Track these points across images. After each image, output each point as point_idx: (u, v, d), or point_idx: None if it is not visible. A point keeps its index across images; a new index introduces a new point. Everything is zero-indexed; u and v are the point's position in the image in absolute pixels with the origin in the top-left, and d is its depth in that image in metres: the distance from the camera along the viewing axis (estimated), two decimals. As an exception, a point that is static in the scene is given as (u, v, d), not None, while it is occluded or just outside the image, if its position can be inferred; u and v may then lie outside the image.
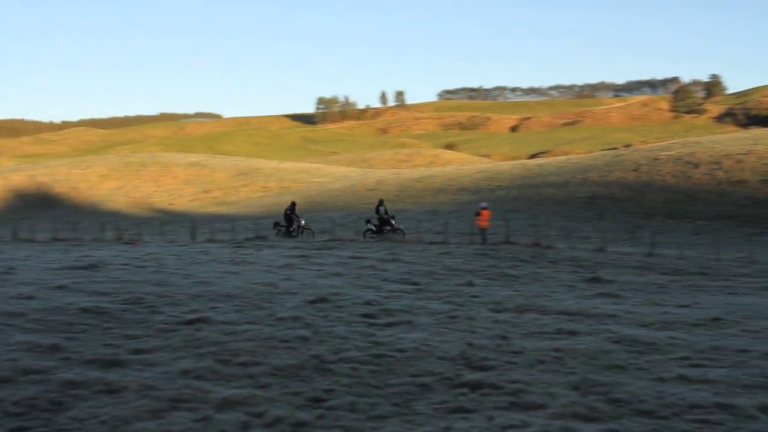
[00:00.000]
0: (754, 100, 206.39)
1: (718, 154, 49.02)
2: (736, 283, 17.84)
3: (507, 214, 38.84)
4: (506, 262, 20.32)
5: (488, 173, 64.14)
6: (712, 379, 7.89)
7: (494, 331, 10.27)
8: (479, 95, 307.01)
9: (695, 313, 12.53)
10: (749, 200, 41.41)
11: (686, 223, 39.06)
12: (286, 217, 32.21)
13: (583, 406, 6.80)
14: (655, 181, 47.65)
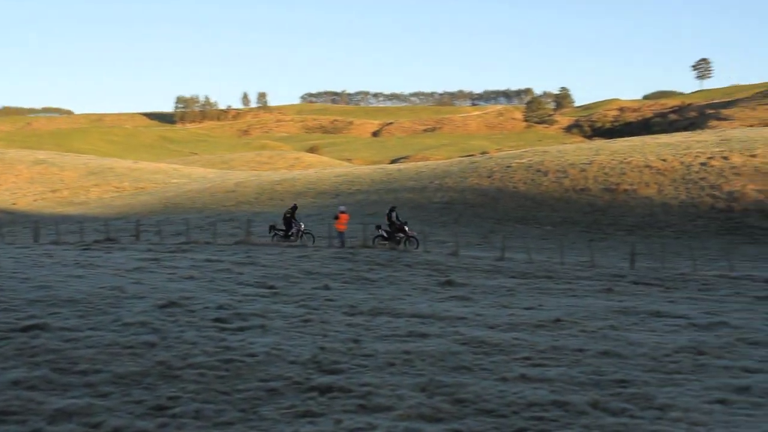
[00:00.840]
0: (599, 113, 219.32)
1: (564, 163, 51.70)
2: (577, 286, 18.83)
3: (366, 218, 39.28)
4: (363, 266, 20.52)
5: (348, 177, 64.62)
6: (550, 377, 8.28)
7: (347, 335, 10.33)
8: (342, 99, 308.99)
9: (539, 315, 13.11)
10: (591, 207, 43.94)
11: (535, 229, 40.94)
12: (285, 220, 30.20)
13: (429, 407, 6.96)
14: (507, 188, 49.64)
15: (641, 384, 8.10)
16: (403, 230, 28.08)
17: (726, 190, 41.96)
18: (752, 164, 44.27)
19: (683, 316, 13.10)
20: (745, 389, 7.86)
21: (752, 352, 10.07)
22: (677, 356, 9.61)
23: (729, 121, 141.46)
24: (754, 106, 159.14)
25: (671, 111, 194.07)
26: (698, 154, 47.94)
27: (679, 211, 41.48)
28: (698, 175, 44.71)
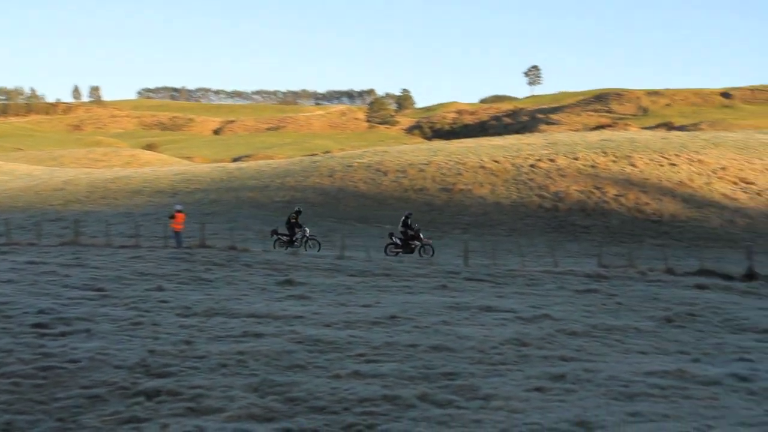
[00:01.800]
0: (438, 115, 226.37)
1: (404, 163, 52.95)
2: (414, 283, 19.31)
3: (204, 218, 38.39)
4: (200, 266, 20.03)
5: (187, 175, 62.93)
6: (382, 373, 8.44)
7: (179, 337, 10.04)
8: (182, 96, 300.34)
9: (375, 312, 13.33)
10: (429, 206, 45.28)
11: (375, 228, 41.64)
12: (288, 225, 28.52)
13: (260, 407, 6.90)
14: (348, 187, 50.16)
15: (468, 376, 8.44)
16: (419, 237, 27.25)
17: (552, 191, 44.54)
18: (575, 166, 47.26)
19: (510, 310, 13.75)
20: (561, 377, 8.38)
21: (570, 342, 10.74)
22: (502, 348, 10.09)
23: (557, 126, 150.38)
24: (578, 112, 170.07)
25: (505, 115, 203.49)
26: (528, 156, 50.56)
27: (511, 210, 43.59)
28: (528, 176, 47.16)
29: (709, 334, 11.90)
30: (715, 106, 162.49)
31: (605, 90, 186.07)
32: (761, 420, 6.91)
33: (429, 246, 27.21)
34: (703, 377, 8.52)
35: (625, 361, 9.45)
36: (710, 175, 43.28)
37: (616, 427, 6.54)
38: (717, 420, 6.84)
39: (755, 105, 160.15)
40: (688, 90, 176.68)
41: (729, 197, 40.52)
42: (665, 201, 40.84)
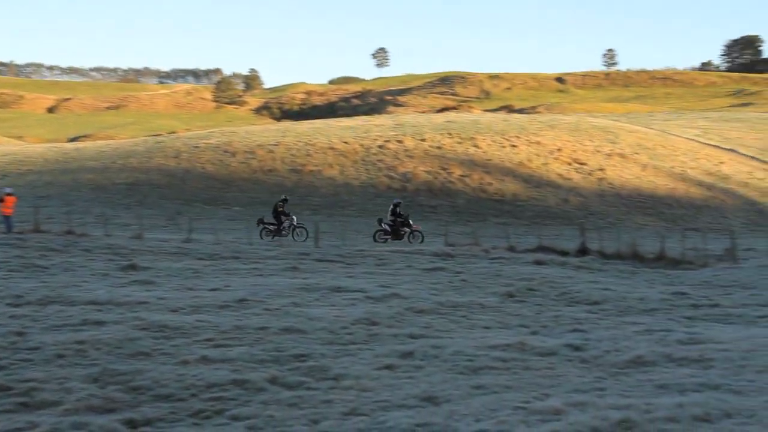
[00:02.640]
0: (287, 95, 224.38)
1: (252, 144, 52.17)
2: (264, 265, 19.11)
3: (38, 201, 36.16)
4: (34, 252, 18.83)
5: (17, 156, 58.99)
6: (231, 357, 8.29)
7: (10, 328, 9.40)
8: (10, 71, 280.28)
9: (224, 296, 13.07)
10: (279, 188, 44.88)
11: (223, 210, 40.84)
12: (275, 213, 27.64)
13: (101, 398, 6.59)
14: (195, 169, 48.83)
15: (319, 357, 8.45)
16: (408, 224, 27.21)
17: (401, 171, 45.40)
18: (422, 147, 48.38)
19: (361, 290, 13.90)
20: (410, 354, 8.57)
21: (417, 320, 11.01)
22: (353, 328, 10.18)
23: (404, 108, 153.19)
24: (425, 94, 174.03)
25: (354, 96, 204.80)
26: (376, 138, 51.21)
27: (360, 190, 44.05)
28: (376, 157, 47.78)
29: (547, 307, 12.57)
30: (550, 90, 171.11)
31: (450, 73, 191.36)
32: (593, 386, 7.37)
33: (419, 232, 27.45)
34: (541, 348, 8.98)
35: (470, 336, 9.80)
36: (547, 156, 45.61)
37: (461, 400, 6.76)
38: (554, 388, 7.23)
39: (586, 90, 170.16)
40: (526, 74, 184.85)
41: (564, 177, 42.90)
42: (507, 181, 42.67)
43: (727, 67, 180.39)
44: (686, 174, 43.47)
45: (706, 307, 12.53)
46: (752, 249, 24.46)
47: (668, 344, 9.22)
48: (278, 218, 28.18)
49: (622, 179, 42.23)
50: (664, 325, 10.70)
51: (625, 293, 13.91)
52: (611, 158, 45.32)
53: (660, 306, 12.64)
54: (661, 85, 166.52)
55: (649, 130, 54.97)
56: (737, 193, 40.35)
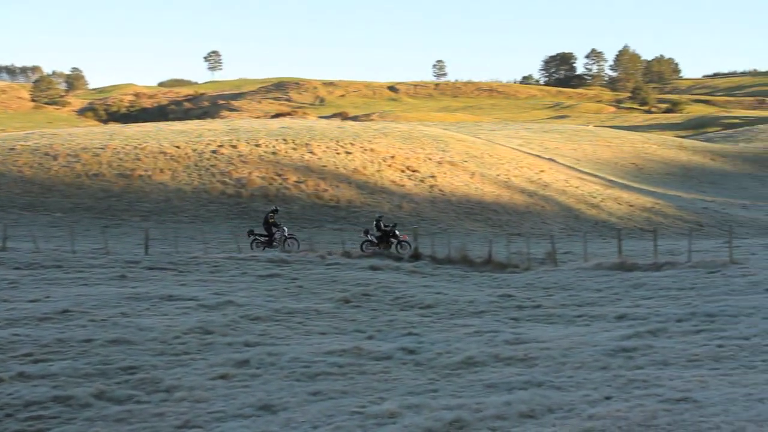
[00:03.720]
0: (114, 97, 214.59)
1: (76, 147, 49.38)
2: (89, 274, 18.12)
3: None
4: None
5: None
6: (53, 372, 7.78)
7: None
8: None
9: (45, 307, 12.26)
10: (105, 193, 42.81)
11: (44, 216, 38.35)
12: (266, 225, 27.15)
13: None
14: (11, 172, 45.51)
15: (149, 368, 8.11)
16: (395, 235, 26.99)
17: (235, 177, 44.62)
18: (257, 153, 47.83)
19: (194, 298, 13.50)
20: (245, 362, 8.42)
21: (253, 327, 10.84)
22: (186, 337, 9.86)
23: (238, 112, 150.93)
24: (259, 99, 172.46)
25: (186, 99, 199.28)
26: (210, 142, 50.04)
27: (193, 196, 42.83)
28: (210, 162, 46.68)
29: (382, 312, 12.78)
30: (384, 98, 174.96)
31: (284, 79, 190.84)
32: (426, 388, 7.56)
33: (406, 243, 26.82)
34: (376, 353, 9.11)
35: (307, 343, 9.78)
36: (381, 163, 46.50)
37: (298, 408, 6.71)
38: (389, 392, 7.35)
39: (417, 99, 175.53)
40: (360, 82, 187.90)
41: (397, 184, 43.91)
42: (342, 187, 43.08)
43: (546, 81, 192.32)
44: (510, 182, 45.80)
45: (530, 308, 13.22)
46: (570, 252, 26.13)
47: (496, 345, 9.64)
48: (269, 229, 27.67)
49: (452, 186, 43.84)
50: (493, 327, 11.18)
51: (456, 296, 14.41)
52: (442, 166, 46.93)
53: (488, 308, 13.20)
54: (487, 96, 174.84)
55: (476, 140, 57.48)
56: (556, 200, 43.00)
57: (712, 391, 6.66)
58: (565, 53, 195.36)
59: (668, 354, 8.45)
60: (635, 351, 8.71)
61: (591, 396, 6.91)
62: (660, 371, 7.67)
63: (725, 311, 10.92)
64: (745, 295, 12.51)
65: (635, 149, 64.69)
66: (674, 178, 56.42)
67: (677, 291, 13.89)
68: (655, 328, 10.07)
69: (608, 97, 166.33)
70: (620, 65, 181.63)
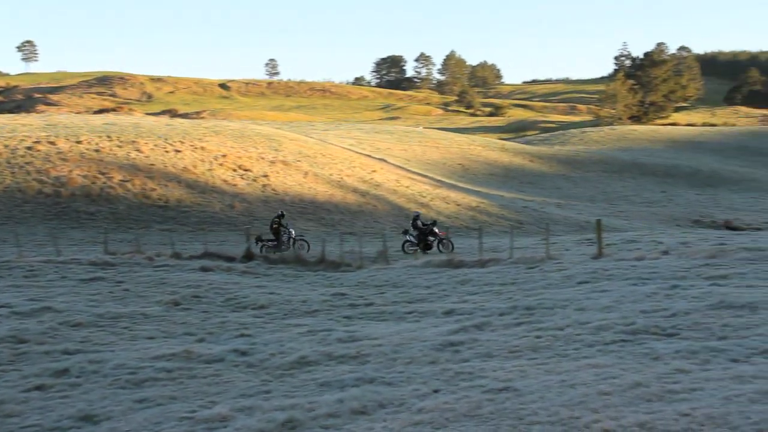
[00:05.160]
0: None
1: None
2: None
3: None
4: None
5: None
6: None
7: None
8: None
9: None
10: None
11: None
12: (273, 230, 27.27)
13: None
14: None
15: (-46, 383, 7.45)
16: (434, 233, 25.86)
17: (53, 175, 41.99)
18: (78, 150, 45.29)
19: (5, 305, 12.57)
20: (64, 372, 7.94)
21: (74, 334, 10.24)
22: (-4, 348, 9.16)
23: (57, 107, 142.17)
24: (80, 94, 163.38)
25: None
26: (24, 138, 46.78)
27: (5, 196, 39.87)
28: (24, 160, 43.64)
29: (213, 314, 12.49)
30: (215, 96, 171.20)
31: (108, 73, 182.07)
32: (259, 390, 7.47)
33: (447, 240, 26.09)
34: (207, 356, 8.89)
35: (133, 348, 9.37)
36: (212, 161, 45.44)
37: (122, 417, 6.41)
38: (220, 395, 7.19)
39: (249, 97, 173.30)
40: (189, 79, 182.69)
41: (229, 183, 43.07)
42: (171, 187, 41.68)
43: (377, 83, 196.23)
44: (343, 181, 46.26)
45: (362, 306, 13.41)
46: (401, 250, 26.78)
47: (329, 343, 9.69)
48: (277, 234, 27.45)
49: (285, 186, 43.62)
50: (326, 326, 11.23)
51: (290, 296, 14.36)
52: (275, 165, 46.58)
53: (321, 307, 13.25)
54: (319, 97, 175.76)
55: (309, 139, 57.57)
56: (387, 200, 43.92)
57: (530, 379, 7.04)
58: (396, 56, 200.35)
59: (492, 346, 8.84)
60: (462, 345, 9.05)
61: (420, 390, 7.10)
62: (484, 363, 8.01)
63: (543, 304, 11.59)
64: (560, 289, 13.35)
65: (462, 150, 67.41)
66: (497, 178, 59.32)
67: (500, 286, 14.58)
68: (480, 322, 10.51)
69: (436, 99, 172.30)
70: (447, 69, 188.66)
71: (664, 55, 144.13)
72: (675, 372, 6.83)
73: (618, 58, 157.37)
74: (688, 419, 5.41)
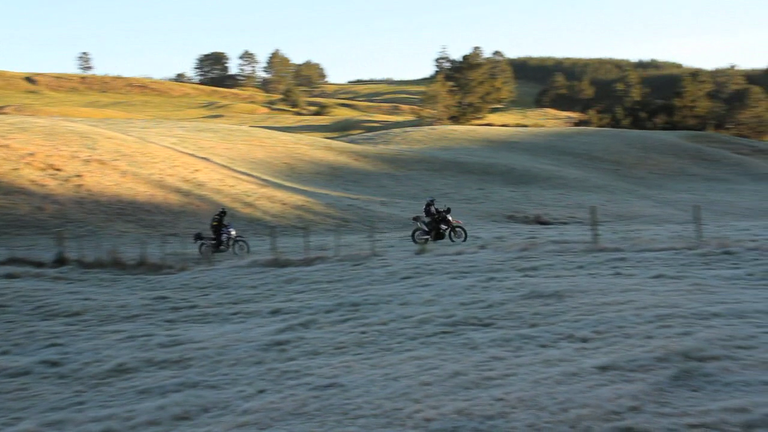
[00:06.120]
0: None
1: None
2: None
3: None
4: None
5: None
6: None
7: None
8: None
9: None
10: None
11: None
12: (213, 228, 26.17)
13: None
14: None
15: None
16: (447, 220, 24.18)
17: None
18: None
19: None
20: None
21: None
22: None
23: None
24: None
25: None
26: None
27: None
28: None
29: (20, 323, 11.64)
30: (20, 90, 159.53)
31: None
32: (71, 401, 7.04)
33: (460, 228, 24.26)
34: (13, 369, 8.27)
35: (-75, 365, 8.52)
36: (18, 161, 42.36)
37: None
38: (27, 410, 6.71)
39: (60, 92, 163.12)
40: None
41: (38, 183, 40.34)
42: (-30, 188, 38.42)
43: (200, 80, 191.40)
44: (165, 181, 44.67)
45: (185, 309, 13.00)
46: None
47: (150, 349, 9.31)
48: (217, 232, 26.44)
49: (102, 186, 41.48)
50: (146, 330, 10.79)
51: (107, 302, 13.67)
52: (90, 164, 44.16)
53: (142, 312, 12.72)
54: (138, 93, 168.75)
55: (127, 137, 55.08)
56: (212, 200, 42.87)
57: (355, 375, 7.12)
58: (219, 53, 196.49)
59: (318, 344, 8.86)
60: (288, 343, 9.00)
61: (246, 391, 6.99)
62: (310, 361, 8.02)
63: (368, 300, 11.79)
64: (384, 284, 13.64)
65: (287, 149, 67.20)
66: (323, 177, 59.69)
67: (327, 284, 14.67)
68: (307, 320, 10.51)
69: (261, 98, 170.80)
70: (272, 68, 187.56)
71: (479, 58, 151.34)
72: (491, 359, 7.17)
73: (438, 60, 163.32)
74: (502, 403, 5.69)
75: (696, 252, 14.20)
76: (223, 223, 26.98)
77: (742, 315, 7.96)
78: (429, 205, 24.94)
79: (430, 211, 24.76)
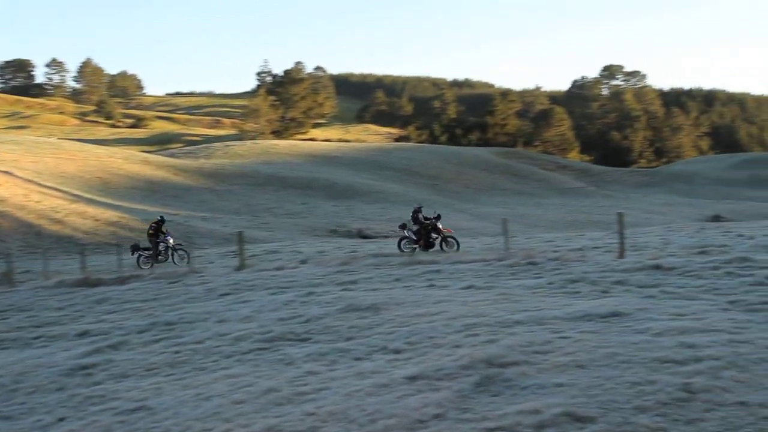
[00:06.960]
0: None
1: None
2: None
3: None
4: None
5: None
6: None
7: None
8: None
9: None
10: None
11: None
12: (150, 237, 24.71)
13: None
14: None
15: None
16: (438, 229, 22.95)
17: None
18: None
19: None
20: None
21: None
22: None
23: None
24: None
25: None
26: None
27: None
28: None
29: None
30: None
31: None
32: None
33: (452, 238, 22.78)
34: None
35: None
36: None
37: None
38: None
39: None
40: None
41: None
42: None
43: (1, 89, 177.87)
44: (-40, 196, 41.10)
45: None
46: (29, 271, 24.56)
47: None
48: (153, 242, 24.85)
49: None
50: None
51: None
52: None
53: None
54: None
55: None
56: (14, 216, 39.92)
57: (166, 396, 6.87)
58: (23, 60, 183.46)
59: (127, 366, 8.48)
60: (95, 367, 8.54)
61: (44, 420, 6.56)
62: (118, 384, 7.65)
63: (184, 318, 11.44)
64: (202, 302, 13.30)
65: (101, 163, 64.03)
66: (140, 192, 57.40)
67: (141, 303, 14.08)
68: (117, 341, 10.03)
69: (72, 109, 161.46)
70: (84, 77, 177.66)
71: (302, 73, 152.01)
72: (306, 374, 7.17)
73: (260, 74, 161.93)
74: (313, 418, 5.70)
75: (504, 263, 15.00)
76: (162, 231, 25.40)
77: (542, 322, 8.49)
78: (416, 212, 23.58)
79: (418, 219, 23.44)
